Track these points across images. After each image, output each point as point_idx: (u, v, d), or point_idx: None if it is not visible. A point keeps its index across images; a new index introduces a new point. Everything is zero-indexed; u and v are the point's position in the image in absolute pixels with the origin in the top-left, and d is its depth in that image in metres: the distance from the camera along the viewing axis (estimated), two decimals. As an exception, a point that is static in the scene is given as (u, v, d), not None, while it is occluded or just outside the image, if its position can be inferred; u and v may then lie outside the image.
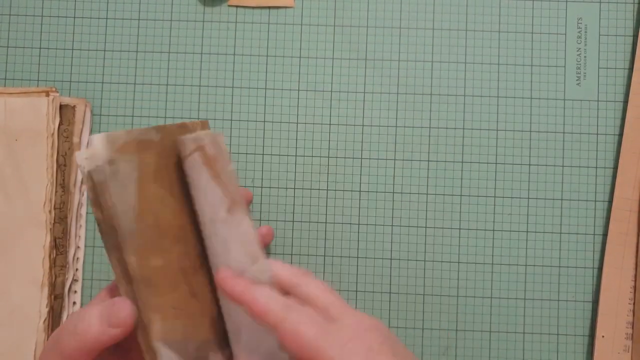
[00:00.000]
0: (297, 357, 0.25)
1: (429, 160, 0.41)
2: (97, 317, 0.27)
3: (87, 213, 0.40)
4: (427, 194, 0.41)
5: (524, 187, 0.40)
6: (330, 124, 0.41)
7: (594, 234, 0.40)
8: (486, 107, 0.41)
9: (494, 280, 0.40)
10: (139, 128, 0.28)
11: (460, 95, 0.41)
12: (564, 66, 0.41)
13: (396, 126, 0.41)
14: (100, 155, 0.27)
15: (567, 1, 0.41)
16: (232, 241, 0.28)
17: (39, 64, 0.41)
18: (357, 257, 0.40)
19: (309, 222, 0.41)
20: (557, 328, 0.40)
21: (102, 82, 0.41)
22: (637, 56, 0.40)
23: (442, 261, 0.40)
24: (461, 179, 0.41)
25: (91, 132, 0.41)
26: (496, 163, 0.41)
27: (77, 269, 0.39)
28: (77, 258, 0.40)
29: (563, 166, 0.40)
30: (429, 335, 0.40)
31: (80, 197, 0.39)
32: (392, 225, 0.40)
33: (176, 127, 0.30)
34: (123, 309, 0.27)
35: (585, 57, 0.41)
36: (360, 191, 0.41)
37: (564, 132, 0.40)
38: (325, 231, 0.41)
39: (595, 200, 0.40)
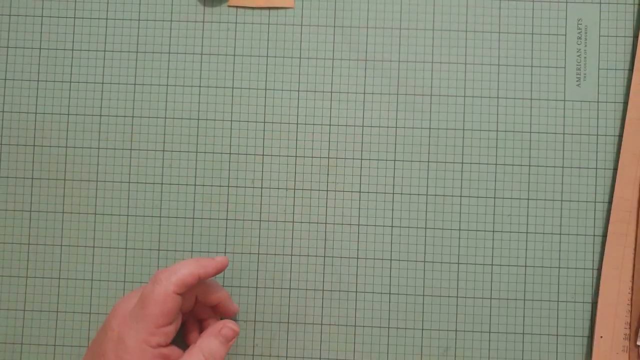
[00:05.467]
0: None
1: (429, 161, 0.41)
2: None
3: None
4: (427, 194, 0.41)
5: (523, 188, 0.40)
6: (330, 124, 0.41)
7: (594, 235, 0.40)
8: (486, 108, 0.41)
9: (494, 281, 0.40)
10: None
11: (460, 95, 0.41)
12: (564, 67, 0.41)
13: (396, 127, 0.41)
14: None
15: (567, 2, 0.41)
16: None
17: (39, 64, 0.41)
18: (357, 258, 0.41)
19: (308, 223, 0.41)
20: (557, 329, 0.40)
21: (102, 82, 0.41)
22: (637, 57, 0.40)
23: (442, 262, 0.40)
24: (461, 179, 0.41)
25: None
26: (496, 164, 0.41)
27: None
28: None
29: (563, 167, 0.40)
30: (428, 336, 0.40)
31: None
32: (392, 226, 0.40)
33: None
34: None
35: (585, 57, 0.41)
36: (360, 191, 0.41)
37: (564, 133, 0.40)
38: (325, 231, 0.41)
39: (595, 201, 0.40)
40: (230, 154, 0.41)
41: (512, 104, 0.41)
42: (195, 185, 0.41)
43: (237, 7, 0.41)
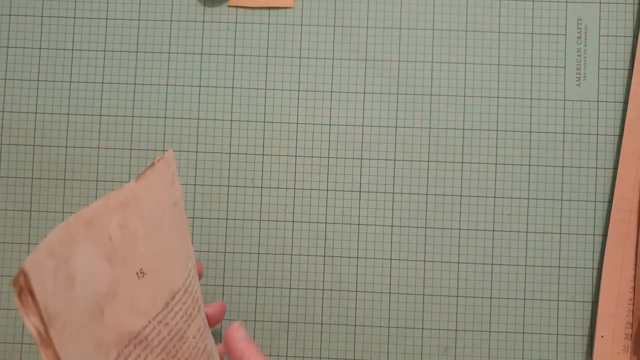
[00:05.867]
0: None
1: (429, 161, 0.41)
2: None
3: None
4: (427, 194, 0.41)
5: (524, 187, 0.40)
6: (330, 124, 0.41)
7: (594, 234, 0.40)
8: (486, 108, 0.41)
9: (494, 280, 0.40)
10: None
11: (460, 95, 0.41)
12: (564, 67, 0.41)
13: (396, 126, 0.41)
14: None
15: (567, 1, 0.41)
16: None
17: (39, 64, 0.41)
18: (357, 257, 0.41)
19: (308, 222, 0.41)
20: (557, 328, 0.40)
21: (102, 82, 0.41)
22: (637, 57, 0.40)
23: (442, 261, 0.40)
24: (461, 179, 0.41)
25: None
26: (496, 163, 0.41)
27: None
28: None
29: (563, 166, 0.40)
30: (428, 335, 0.40)
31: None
32: (392, 226, 0.40)
33: None
34: None
35: (585, 57, 0.41)
36: (360, 191, 0.41)
37: (564, 133, 0.40)
38: (325, 231, 0.41)
39: (595, 201, 0.40)
40: (230, 153, 0.41)
41: (512, 104, 0.41)
42: (195, 185, 0.41)
43: (237, 7, 0.42)
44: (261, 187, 0.41)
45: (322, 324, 0.40)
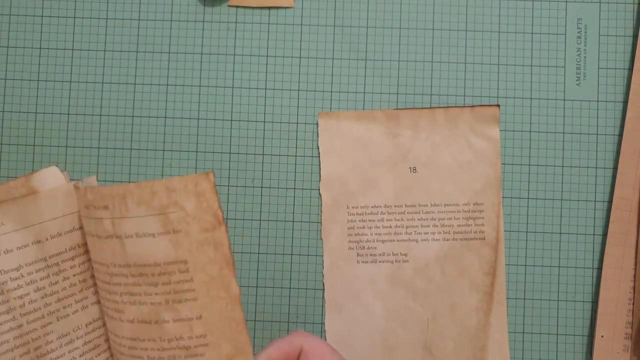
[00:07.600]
0: None
1: (428, 161, 0.41)
2: None
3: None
4: (427, 194, 0.41)
5: (524, 187, 0.40)
6: (330, 124, 0.41)
7: (594, 234, 0.40)
8: (486, 107, 0.41)
9: (494, 280, 0.40)
10: None
11: (460, 95, 0.41)
12: (564, 66, 0.41)
13: (396, 126, 0.41)
14: None
15: (567, 1, 0.41)
16: None
17: (39, 64, 0.41)
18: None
19: (309, 222, 0.41)
20: (557, 328, 0.40)
21: (102, 82, 0.41)
22: (637, 56, 0.40)
23: (442, 261, 0.40)
24: (461, 179, 0.41)
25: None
26: (496, 163, 0.41)
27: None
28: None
29: (563, 166, 0.40)
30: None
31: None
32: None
33: None
34: None
35: (585, 57, 0.41)
36: (360, 191, 0.41)
37: (563, 132, 0.40)
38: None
39: (595, 200, 0.40)
40: (230, 153, 0.41)
41: (512, 103, 0.41)
42: (195, 185, 0.41)
43: (237, 6, 0.42)
44: (261, 187, 0.41)
45: (322, 324, 0.40)
